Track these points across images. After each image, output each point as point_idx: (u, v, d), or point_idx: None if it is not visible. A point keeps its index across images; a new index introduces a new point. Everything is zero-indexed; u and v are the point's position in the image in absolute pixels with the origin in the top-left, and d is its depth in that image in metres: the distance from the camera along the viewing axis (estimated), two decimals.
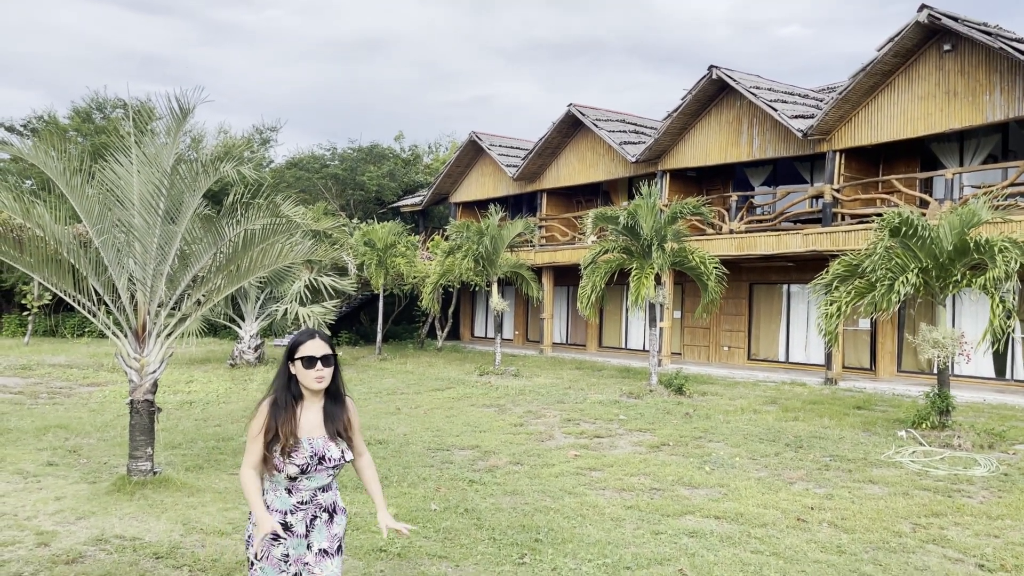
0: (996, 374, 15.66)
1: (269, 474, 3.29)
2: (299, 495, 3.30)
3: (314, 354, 3.28)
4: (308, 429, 3.30)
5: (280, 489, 3.29)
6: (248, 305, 20.49)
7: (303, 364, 3.28)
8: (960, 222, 10.11)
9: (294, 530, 3.28)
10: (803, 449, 9.67)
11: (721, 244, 18.45)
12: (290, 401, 3.29)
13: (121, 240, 7.04)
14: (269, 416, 3.27)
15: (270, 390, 3.35)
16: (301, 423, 3.29)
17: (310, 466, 3.26)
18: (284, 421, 3.24)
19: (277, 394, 3.30)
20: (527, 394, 14.47)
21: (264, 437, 3.24)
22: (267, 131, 37.91)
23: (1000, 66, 14.59)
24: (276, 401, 3.29)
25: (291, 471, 3.24)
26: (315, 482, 3.31)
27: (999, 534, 6.35)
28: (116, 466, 8.21)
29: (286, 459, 3.23)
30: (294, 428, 3.25)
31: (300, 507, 3.31)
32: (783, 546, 5.97)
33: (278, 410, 3.27)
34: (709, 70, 18.77)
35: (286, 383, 3.32)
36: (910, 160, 17.63)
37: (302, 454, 3.24)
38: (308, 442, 3.27)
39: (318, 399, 3.37)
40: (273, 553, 3.24)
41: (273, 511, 3.27)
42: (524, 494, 7.45)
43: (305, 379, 3.29)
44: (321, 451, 3.29)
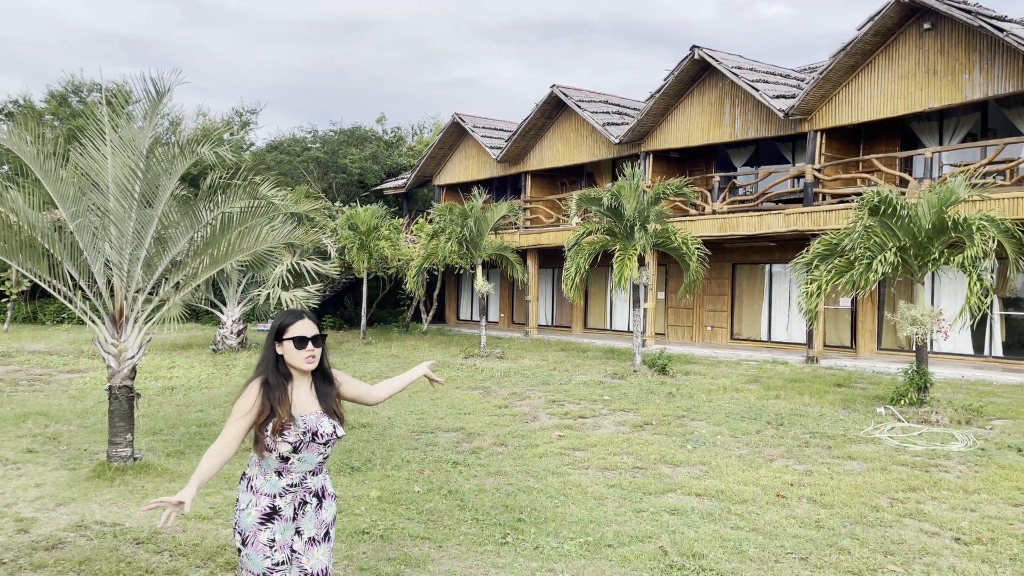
0: (974, 351, 15.85)
1: (260, 456, 3.26)
2: (289, 477, 3.27)
3: (305, 334, 3.26)
4: (299, 407, 3.28)
5: (270, 472, 3.26)
6: (230, 290, 20.36)
7: (295, 345, 3.25)
8: (938, 200, 10.18)
9: (282, 514, 3.24)
10: (784, 427, 9.76)
11: (704, 225, 18.50)
12: (281, 381, 3.26)
13: (96, 224, 6.96)
14: (261, 396, 3.21)
15: (257, 371, 3.30)
16: (292, 402, 3.27)
17: (302, 443, 3.23)
18: (279, 399, 3.21)
19: (267, 374, 3.26)
20: (512, 376, 14.50)
21: (257, 418, 3.20)
22: (247, 113, 37.57)
23: (979, 44, 14.64)
24: (267, 381, 3.25)
25: (283, 449, 3.20)
26: (306, 464, 3.29)
27: (975, 508, 6.44)
28: (96, 453, 8.16)
29: (278, 438, 3.19)
30: (285, 407, 3.22)
31: (289, 490, 3.27)
32: (763, 522, 6.03)
33: (271, 390, 3.23)
34: (691, 50, 18.73)
35: (274, 364, 3.28)
36: (890, 139, 17.71)
37: (294, 432, 3.21)
38: (301, 419, 3.25)
39: (306, 377, 3.36)
40: (259, 539, 3.19)
41: (261, 495, 3.23)
42: (508, 475, 7.48)
43: (295, 359, 3.27)
44: (313, 427, 3.27)
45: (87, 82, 33.86)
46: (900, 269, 10.64)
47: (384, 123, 37.71)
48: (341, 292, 29.09)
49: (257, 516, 3.21)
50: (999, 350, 15.62)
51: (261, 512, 3.22)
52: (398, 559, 5.19)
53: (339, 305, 29.50)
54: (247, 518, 3.22)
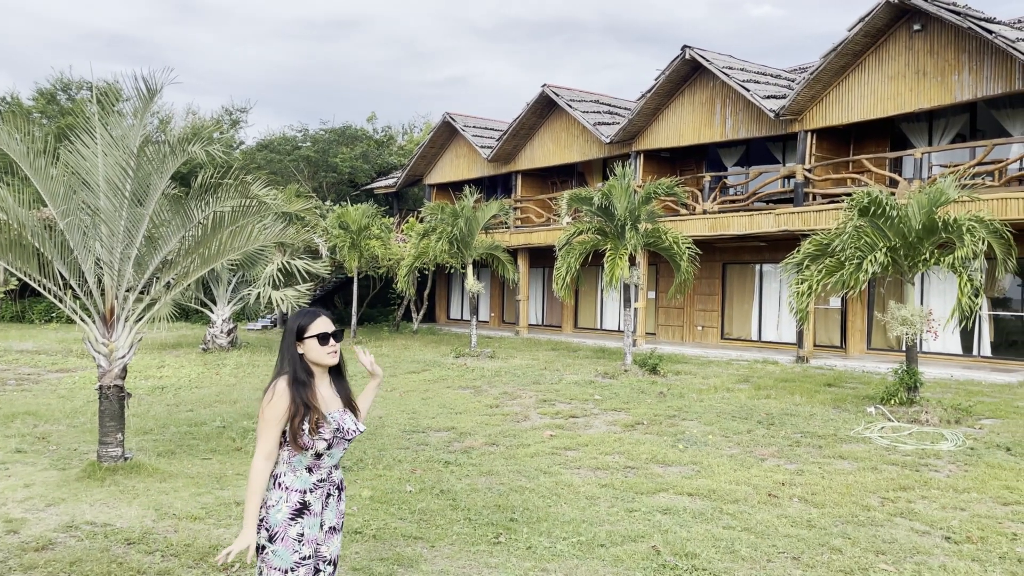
0: (963, 351, 15.94)
1: (292, 455, 3.27)
2: (319, 473, 3.32)
3: (327, 331, 3.35)
4: (325, 404, 3.35)
5: (301, 469, 3.29)
6: (220, 289, 20.27)
7: (319, 341, 3.32)
8: (928, 201, 10.24)
9: (312, 509, 3.29)
10: (774, 426, 9.79)
11: (695, 224, 18.54)
12: (309, 379, 3.31)
13: (87, 223, 6.91)
14: (292, 395, 3.24)
15: (281, 371, 3.32)
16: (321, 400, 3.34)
17: (334, 440, 3.30)
18: (311, 395, 3.27)
19: (295, 372, 3.30)
20: (503, 375, 14.50)
21: (292, 418, 3.22)
22: (237, 112, 37.43)
23: (968, 46, 14.73)
24: (296, 379, 3.28)
25: (320, 447, 3.25)
26: (333, 458, 3.37)
27: (965, 507, 6.48)
28: (86, 452, 8.11)
29: (315, 435, 3.23)
30: (316, 403, 3.28)
31: (319, 485, 3.33)
32: (754, 521, 6.05)
33: (300, 387, 3.26)
34: (682, 50, 18.77)
35: (300, 362, 3.33)
36: (880, 140, 17.80)
37: (329, 428, 3.28)
38: (329, 416, 3.32)
39: (325, 374, 3.42)
40: (288, 534, 3.23)
41: (292, 491, 3.26)
42: (500, 474, 7.48)
43: (319, 356, 3.33)
44: (340, 423, 3.34)
45: (76, 79, 33.66)
46: (890, 269, 10.69)
47: (375, 122, 37.65)
48: (331, 291, 29.02)
49: (288, 511, 3.24)
50: (988, 350, 15.72)
51: (292, 508, 3.24)
52: (391, 559, 5.18)
53: (329, 304, 29.43)
54: (277, 514, 3.23)
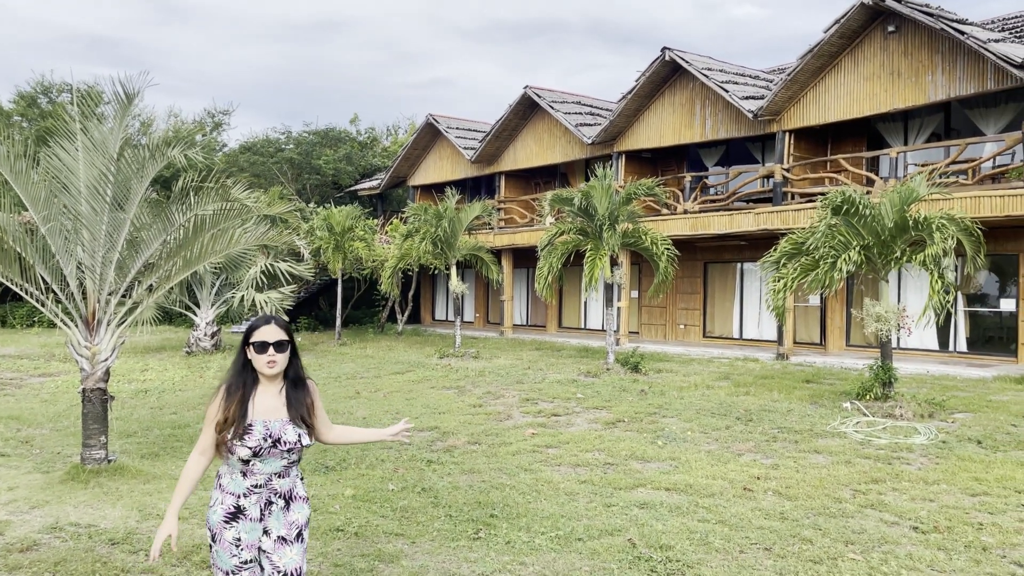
0: (940, 346, 16.20)
1: (223, 457, 3.35)
2: (253, 478, 3.32)
3: (267, 339, 3.31)
4: (264, 412, 3.33)
5: (236, 472, 3.33)
6: (203, 292, 20.27)
7: (255, 349, 3.32)
8: (900, 199, 10.43)
9: (247, 514, 3.31)
10: (752, 422, 9.95)
11: (676, 224, 18.72)
12: (241, 385, 3.33)
13: (68, 227, 6.96)
14: (223, 400, 3.31)
15: (228, 376, 3.39)
16: (257, 406, 3.33)
17: (263, 448, 3.28)
18: (229, 404, 3.29)
19: (230, 379, 3.36)
20: (487, 375, 14.61)
21: (219, 422, 3.30)
22: (219, 114, 37.32)
23: (942, 47, 14.98)
24: (229, 386, 3.34)
25: (243, 453, 3.27)
26: (269, 466, 3.33)
27: (934, 498, 6.65)
28: (70, 456, 8.15)
29: (238, 442, 3.26)
30: (242, 412, 3.28)
31: (254, 491, 3.33)
32: (729, 514, 6.19)
33: (230, 393, 3.32)
34: (662, 52, 18.95)
35: (240, 368, 3.37)
36: (857, 139, 18.04)
37: (254, 436, 3.27)
38: (263, 424, 3.30)
39: (276, 383, 3.40)
40: (224, 536, 3.27)
41: (227, 493, 3.31)
42: (481, 472, 7.58)
43: (257, 364, 3.33)
44: (277, 433, 3.31)
45: (57, 83, 33.46)
46: (865, 267, 10.88)
47: (358, 124, 37.66)
48: (316, 293, 29.01)
49: (222, 514, 3.29)
50: (963, 345, 15.98)
51: (226, 511, 3.29)
52: (372, 555, 5.28)
53: (314, 306, 29.41)
54: (214, 515, 3.31)
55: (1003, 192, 13.68)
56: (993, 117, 15.73)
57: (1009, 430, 9.18)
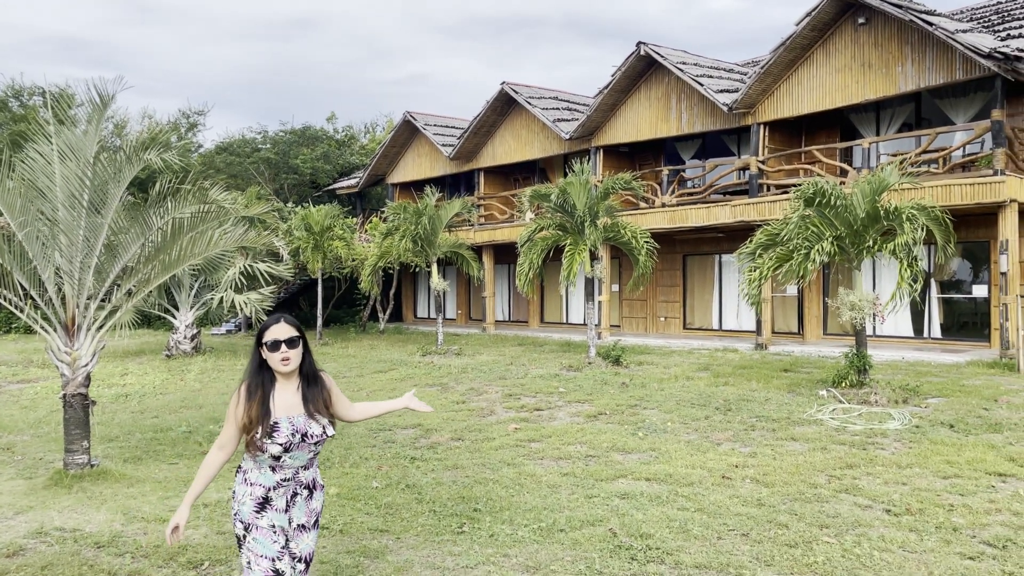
0: (915, 333, 16.48)
1: (252, 455, 3.44)
2: (282, 473, 3.46)
3: (279, 337, 3.42)
4: (287, 408, 3.45)
5: (264, 467, 3.44)
6: (182, 295, 20.18)
7: (268, 348, 3.42)
8: (871, 189, 10.62)
9: (274, 505, 3.44)
10: (731, 412, 10.10)
11: (654, 218, 18.87)
12: (260, 385, 3.44)
13: (45, 233, 6.95)
14: (246, 400, 3.42)
15: (248, 378, 3.49)
16: (278, 404, 3.44)
17: (292, 444, 3.40)
18: (251, 405, 3.40)
19: (249, 379, 3.46)
20: (469, 372, 14.68)
21: (243, 422, 3.40)
22: (194, 115, 37.06)
23: (911, 38, 15.21)
24: (249, 386, 3.45)
25: (274, 451, 3.38)
26: (297, 460, 3.47)
27: (907, 482, 6.82)
28: (52, 461, 8.14)
29: (268, 440, 3.37)
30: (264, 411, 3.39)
31: (283, 484, 3.47)
32: (708, 502, 6.32)
33: (252, 393, 3.43)
34: (637, 46, 19.07)
35: (257, 368, 3.47)
36: (830, 131, 18.27)
37: (283, 433, 3.39)
38: (288, 421, 3.42)
39: (294, 379, 3.52)
40: (261, 524, 3.40)
41: (257, 486, 3.43)
42: (465, 468, 7.66)
43: (272, 362, 3.44)
44: (303, 428, 3.44)
45: (28, 85, 33.07)
46: (839, 257, 11.07)
47: (335, 122, 37.53)
48: (296, 294, 28.95)
49: (253, 505, 3.41)
50: (938, 332, 16.26)
51: (256, 501, 3.41)
52: (357, 551, 5.34)
53: (294, 307, 29.35)
54: (244, 508, 3.42)
55: (973, 180, 13.93)
56: (962, 106, 15.99)
57: (981, 414, 9.39)
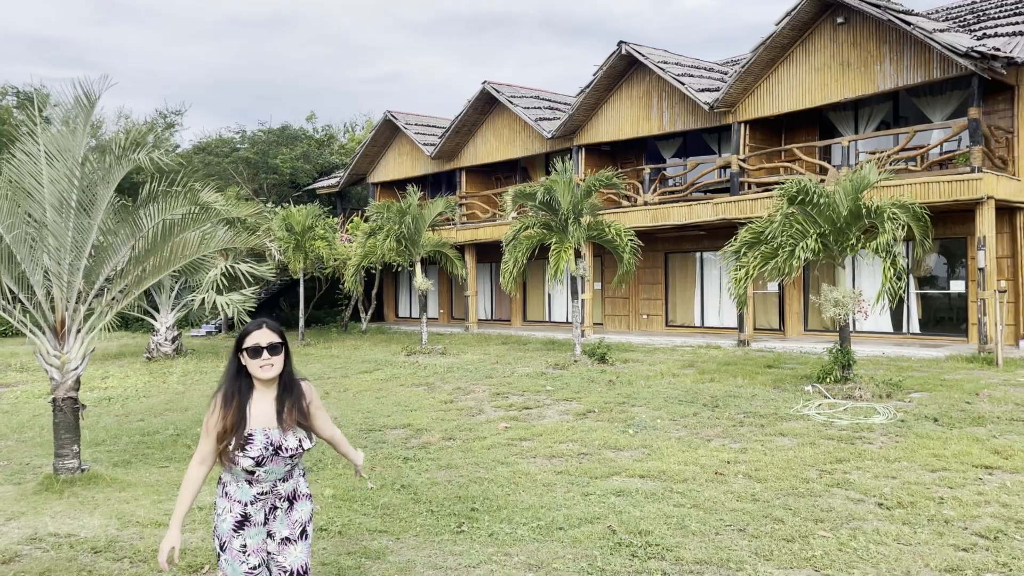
0: (894, 328, 16.71)
1: (226, 467, 3.31)
2: (259, 486, 3.32)
3: (260, 343, 3.28)
4: (263, 419, 3.31)
5: (241, 480, 3.32)
6: (163, 296, 19.97)
7: (249, 354, 3.29)
8: (853, 187, 10.76)
9: (253, 520, 3.32)
10: (719, 408, 10.20)
11: (636, 216, 18.97)
12: (237, 392, 3.30)
13: (33, 235, 6.87)
14: (222, 410, 3.27)
15: (223, 384, 3.35)
16: (254, 414, 3.30)
17: (265, 457, 3.27)
18: (226, 413, 3.26)
19: (225, 386, 3.32)
20: (455, 371, 14.67)
21: (219, 432, 3.26)
22: (171, 115, 36.67)
23: (889, 37, 15.42)
24: (225, 394, 3.31)
25: (246, 464, 3.25)
26: (274, 474, 3.33)
27: (896, 475, 6.92)
28: (39, 466, 8.04)
29: (239, 452, 3.23)
30: (239, 419, 3.26)
31: (260, 498, 3.33)
32: (703, 498, 6.38)
33: (228, 402, 3.28)
34: (618, 46, 19.15)
35: (234, 374, 3.33)
36: (810, 129, 18.47)
37: (256, 446, 3.26)
38: (263, 433, 3.29)
39: (272, 388, 3.37)
40: (232, 545, 3.29)
41: (235, 502, 3.31)
42: (458, 467, 7.67)
43: (252, 369, 3.29)
44: (277, 441, 3.30)
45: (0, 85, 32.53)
46: (822, 254, 11.20)
47: (314, 121, 37.31)
48: (276, 294, 28.75)
49: (232, 523, 3.30)
50: (916, 327, 16.51)
51: (235, 519, 3.30)
52: (358, 552, 5.34)
53: (274, 307, 29.14)
54: (223, 524, 3.31)
55: (951, 178, 14.16)
56: (939, 105, 16.24)
57: (963, 407, 9.55)
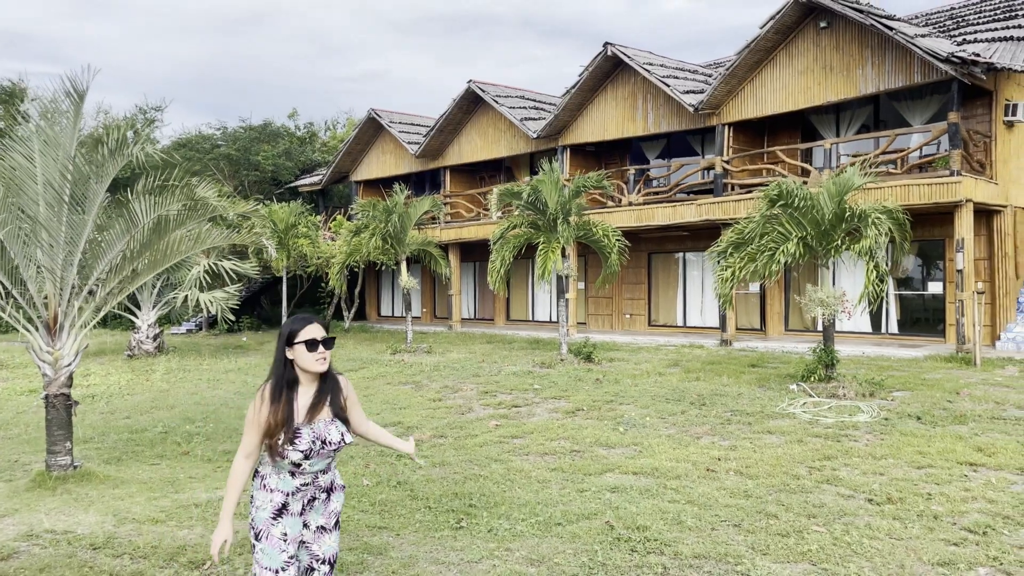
0: (873, 329, 16.97)
1: (273, 461, 3.38)
2: (302, 478, 3.41)
3: (316, 337, 3.40)
4: (308, 413, 3.40)
5: (283, 472, 3.39)
6: (144, 293, 19.78)
7: (307, 347, 3.38)
8: (837, 190, 10.93)
9: (291, 510, 3.40)
10: (706, 406, 10.32)
11: (621, 216, 19.09)
12: (286, 387, 3.39)
13: (27, 230, 6.81)
14: (272, 404, 3.35)
15: (269, 377, 3.44)
16: (300, 408, 3.39)
17: (313, 451, 3.36)
18: (277, 408, 3.34)
19: (278, 379, 3.40)
20: (442, 370, 14.69)
21: (267, 426, 3.33)
22: (151, 111, 36.26)
23: (871, 42, 15.65)
24: (278, 386, 3.39)
25: (295, 458, 3.33)
26: (317, 466, 3.43)
27: (883, 472, 7.06)
28: (28, 463, 7.98)
29: (289, 447, 3.32)
30: (289, 414, 3.35)
31: (302, 488, 3.42)
32: (696, 494, 6.47)
33: (279, 395, 3.37)
34: (604, 47, 19.27)
35: (283, 369, 3.42)
36: (792, 131, 18.70)
37: (304, 440, 3.34)
38: (309, 428, 3.38)
39: (313, 382, 3.47)
40: (272, 533, 3.35)
41: (276, 492, 3.38)
42: (452, 464, 7.71)
43: (307, 362, 3.39)
44: (322, 434, 3.39)
45: None
46: (806, 256, 11.35)
47: (296, 118, 37.10)
48: (258, 292, 28.57)
49: (271, 511, 3.37)
50: (895, 327, 16.78)
51: (275, 508, 3.37)
52: (359, 548, 5.37)
53: (256, 305, 28.97)
54: (262, 513, 3.37)
55: (931, 181, 14.40)
56: (919, 109, 16.51)
57: (945, 406, 9.74)
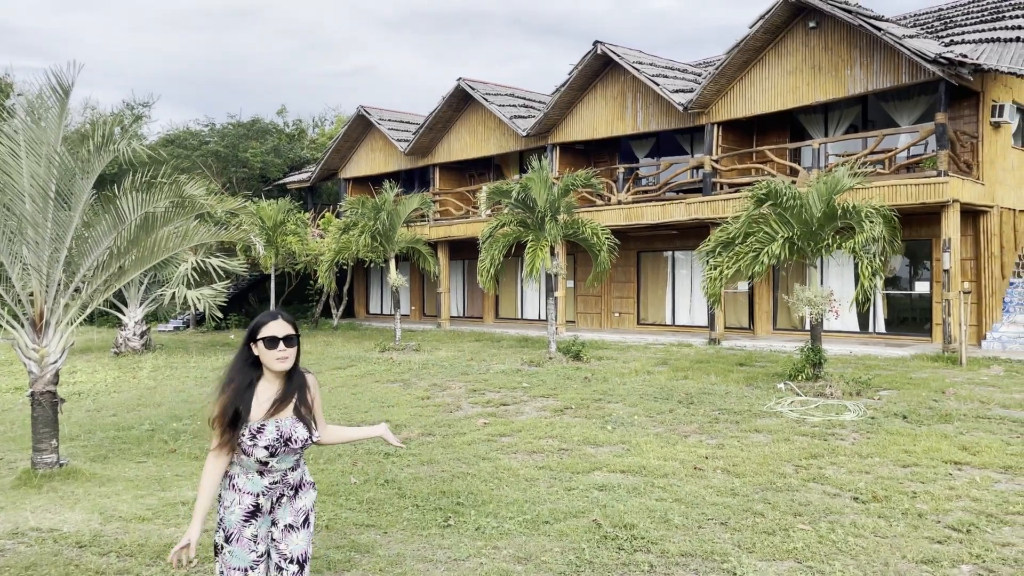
0: (860, 328, 17.07)
1: (239, 458, 3.32)
2: (271, 476, 3.34)
3: (276, 334, 3.30)
4: (270, 409, 3.32)
5: (252, 472, 3.33)
6: (131, 290, 19.67)
7: (265, 345, 3.29)
8: (827, 189, 10.98)
9: (263, 509, 3.34)
10: (694, 405, 10.35)
11: (610, 215, 19.13)
12: (247, 383, 3.31)
13: (12, 227, 6.76)
14: (229, 398, 3.27)
15: (229, 372, 3.35)
16: (263, 404, 3.31)
17: (278, 448, 3.29)
18: (236, 401, 3.26)
19: (236, 375, 3.32)
20: (430, 368, 14.68)
21: (225, 419, 3.25)
22: (139, 107, 36.04)
23: (860, 42, 15.73)
24: (235, 382, 3.30)
25: (260, 454, 3.26)
26: (284, 464, 3.37)
27: (869, 470, 7.11)
28: (12, 461, 7.92)
29: (251, 442, 3.25)
30: (247, 408, 3.27)
31: (271, 488, 3.36)
32: (684, 492, 6.50)
33: (238, 391, 3.28)
34: (594, 45, 19.28)
35: (243, 365, 3.34)
36: (781, 131, 18.77)
37: (267, 436, 3.27)
38: (275, 423, 3.31)
39: (278, 380, 3.38)
40: (243, 535, 3.30)
41: (245, 493, 3.32)
42: (440, 463, 7.71)
43: (268, 360, 3.30)
44: (288, 432, 3.32)
45: None
46: (795, 256, 11.40)
47: (285, 115, 36.96)
48: (246, 289, 28.47)
49: (242, 514, 3.31)
50: (882, 327, 16.88)
51: (245, 510, 3.31)
52: (346, 546, 5.36)
53: (244, 302, 28.85)
54: (231, 515, 3.31)
55: (918, 181, 14.50)
56: (907, 109, 16.61)
57: (931, 405, 9.82)
